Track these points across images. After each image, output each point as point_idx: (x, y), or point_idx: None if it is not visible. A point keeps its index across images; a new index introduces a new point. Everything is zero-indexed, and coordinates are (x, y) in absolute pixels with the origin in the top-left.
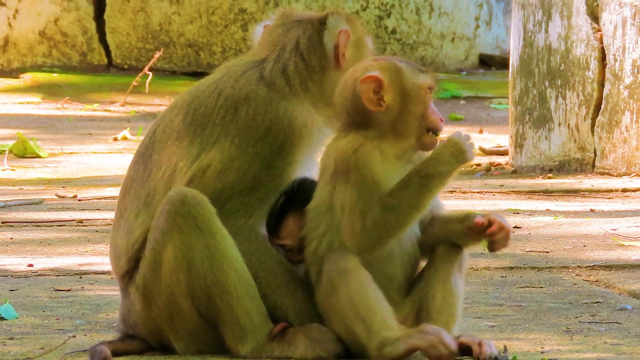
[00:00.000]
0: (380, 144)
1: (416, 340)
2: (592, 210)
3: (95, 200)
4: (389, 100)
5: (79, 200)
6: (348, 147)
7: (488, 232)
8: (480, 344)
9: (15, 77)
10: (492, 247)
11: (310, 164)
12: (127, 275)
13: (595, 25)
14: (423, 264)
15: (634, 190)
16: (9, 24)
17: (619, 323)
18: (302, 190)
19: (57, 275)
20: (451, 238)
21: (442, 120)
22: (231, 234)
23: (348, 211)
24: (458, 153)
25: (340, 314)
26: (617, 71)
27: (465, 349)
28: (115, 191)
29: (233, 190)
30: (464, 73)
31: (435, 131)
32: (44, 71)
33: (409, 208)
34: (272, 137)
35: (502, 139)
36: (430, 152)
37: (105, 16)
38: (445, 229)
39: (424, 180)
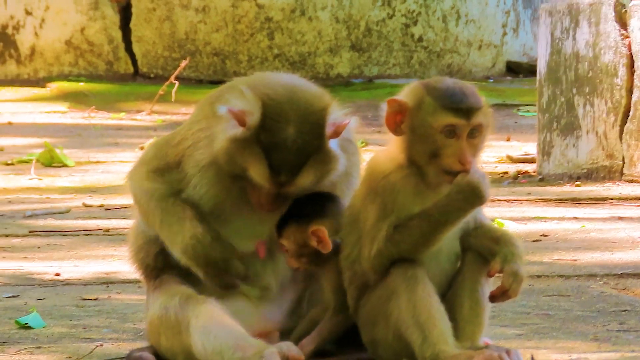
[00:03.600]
0: (415, 170)
1: None
2: (620, 218)
3: (122, 208)
4: (405, 128)
5: (106, 209)
6: (382, 169)
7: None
8: (508, 353)
9: (42, 87)
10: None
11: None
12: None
13: (624, 31)
14: None
15: None
16: (36, 34)
17: None
18: (311, 202)
19: (84, 284)
20: (481, 252)
21: (467, 162)
22: (145, 182)
23: (365, 232)
24: (473, 198)
25: (395, 318)
26: None
27: None
28: None
29: (147, 159)
30: (491, 80)
31: (452, 173)
32: (70, 80)
33: (414, 246)
34: (178, 150)
35: (529, 147)
36: (444, 195)
37: (131, 25)
38: (477, 241)
39: (433, 224)
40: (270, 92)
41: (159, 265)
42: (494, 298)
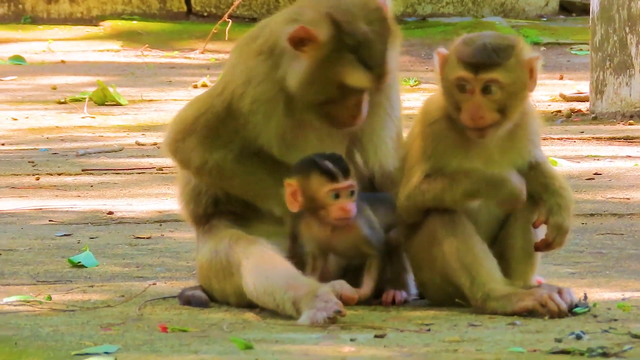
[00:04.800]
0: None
1: (526, 302)
2: None
3: None
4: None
5: (159, 147)
6: (431, 114)
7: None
8: (560, 292)
9: (95, 25)
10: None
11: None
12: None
13: None
14: None
15: None
16: None
17: None
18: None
19: (137, 223)
20: (533, 194)
21: (476, 118)
22: (200, 164)
23: (404, 172)
24: (506, 199)
25: (440, 263)
26: None
27: None
28: None
29: (192, 124)
30: (544, 19)
31: (472, 129)
32: (123, 19)
33: (435, 201)
34: (225, 96)
35: (582, 86)
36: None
37: None
38: (529, 184)
39: (459, 191)
40: (318, 5)
41: (209, 213)
42: (538, 249)
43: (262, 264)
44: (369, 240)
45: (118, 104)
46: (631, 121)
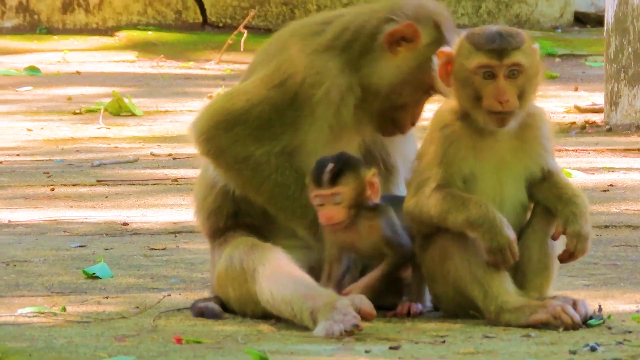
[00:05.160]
0: (469, 122)
1: (539, 315)
2: None
3: (190, 158)
4: (452, 77)
5: (174, 158)
6: (442, 119)
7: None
8: (574, 304)
9: (111, 36)
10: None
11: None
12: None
13: None
14: None
15: None
16: None
17: None
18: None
19: (152, 234)
20: (548, 206)
21: (505, 100)
22: (242, 156)
23: (414, 177)
24: (495, 247)
25: (453, 277)
26: None
27: None
28: None
29: (243, 114)
30: (559, 31)
31: (497, 113)
32: (139, 29)
33: (437, 219)
34: (289, 86)
35: (597, 97)
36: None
37: None
38: (546, 195)
39: (452, 220)
40: (413, 7)
41: (228, 226)
42: (562, 260)
43: (279, 271)
44: (390, 242)
45: (133, 115)
46: None
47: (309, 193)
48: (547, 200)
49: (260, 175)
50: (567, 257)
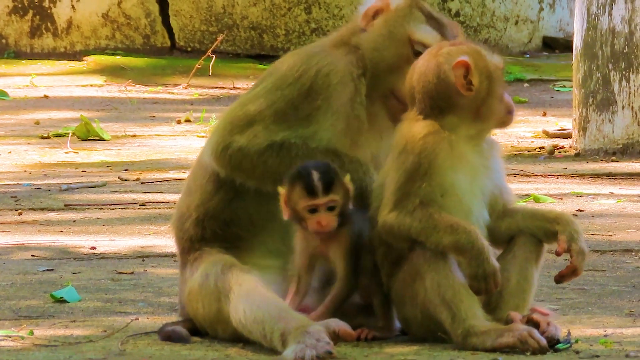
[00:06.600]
0: (454, 133)
1: (505, 339)
2: None
3: (158, 182)
4: (476, 83)
5: (142, 182)
6: (420, 131)
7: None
8: (548, 324)
9: (79, 60)
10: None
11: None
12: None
13: None
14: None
15: None
16: (72, 7)
17: None
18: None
19: (120, 258)
20: (535, 234)
21: (512, 107)
22: (265, 145)
23: (389, 192)
24: (480, 274)
25: (422, 298)
26: None
27: (534, 325)
28: (178, 174)
29: (259, 114)
30: (528, 56)
31: (511, 112)
32: (107, 54)
33: (420, 234)
34: (303, 81)
35: (565, 122)
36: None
37: None
38: (529, 224)
39: (438, 241)
40: None
41: (207, 238)
42: (563, 277)
43: (254, 293)
44: (354, 246)
45: (101, 139)
46: (614, 158)
47: (287, 202)
48: (534, 225)
49: (287, 157)
50: (570, 273)
